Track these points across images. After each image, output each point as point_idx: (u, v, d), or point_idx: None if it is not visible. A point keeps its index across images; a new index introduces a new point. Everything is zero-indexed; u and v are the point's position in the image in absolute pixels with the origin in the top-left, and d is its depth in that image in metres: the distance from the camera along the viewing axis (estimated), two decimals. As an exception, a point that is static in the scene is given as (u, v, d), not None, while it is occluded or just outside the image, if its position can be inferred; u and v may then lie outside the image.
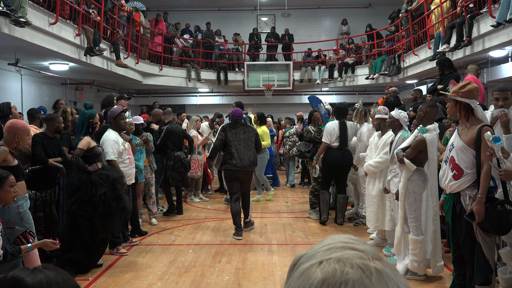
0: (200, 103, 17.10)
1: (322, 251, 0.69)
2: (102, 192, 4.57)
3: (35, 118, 6.05)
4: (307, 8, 17.63)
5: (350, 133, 6.66)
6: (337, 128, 6.57)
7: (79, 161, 4.63)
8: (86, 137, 4.77)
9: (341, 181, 6.74)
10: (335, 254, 0.67)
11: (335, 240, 0.71)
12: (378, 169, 5.41)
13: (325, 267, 0.65)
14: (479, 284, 3.41)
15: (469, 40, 7.68)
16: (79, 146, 4.68)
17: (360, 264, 0.65)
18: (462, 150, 3.45)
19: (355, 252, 0.68)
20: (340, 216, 6.78)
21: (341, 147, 6.53)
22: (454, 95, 3.48)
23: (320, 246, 0.71)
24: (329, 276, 0.64)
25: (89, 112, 4.86)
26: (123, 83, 14.01)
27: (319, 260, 0.67)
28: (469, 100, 3.45)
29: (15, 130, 3.96)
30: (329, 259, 0.66)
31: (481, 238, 3.37)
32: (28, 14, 6.33)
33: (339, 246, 0.69)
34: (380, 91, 15.19)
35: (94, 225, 4.59)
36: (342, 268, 0.64)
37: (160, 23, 14.19)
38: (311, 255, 0.69)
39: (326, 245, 0.70)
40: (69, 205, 4.59)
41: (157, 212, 6.97)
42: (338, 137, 6.54)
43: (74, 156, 4.62)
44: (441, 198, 3.86)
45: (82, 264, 4.62)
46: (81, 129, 4.81)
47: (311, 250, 0.71)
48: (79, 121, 4.84)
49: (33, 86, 11.12)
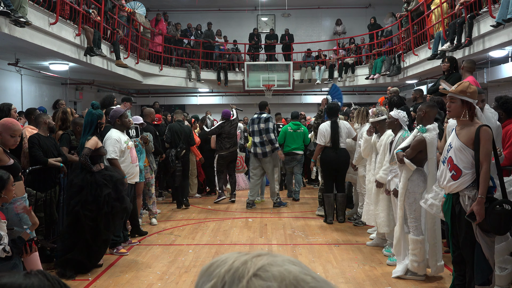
0: (200, 103, 17.11)
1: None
2: (106, 193, 4.58)
3: (30, 118, 6.03)
4: (307, 8, 17.63)
5: (344, 132, 6.72)
6: (329, 128, 6.68)
7: (87, 161, 4.63)
8: (94, 137, 4.78)
9: (339, 180, 6.82)
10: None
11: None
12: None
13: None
14: (479, 284, 3.41)
15: (469, 40, 7.68)
16: (88, 145, 4.66)
17: (248, 258, 0.71)
18: (461, 150, 3.45)
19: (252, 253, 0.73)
20: (341, 214, 6.91)
21: (333, 146, 6.63)
22: (462, 95, 3.47)
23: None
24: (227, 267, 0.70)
25: (97, 112, 4.87)
26: (123, 83, 14.01)
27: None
28: (473, 100, 3.47)
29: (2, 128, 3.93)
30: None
31: (481, 238, 3.37)
32: (28, 14, 6.34)
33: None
34: (380, 91, 15.21)
35: (97, 225, 4.59)
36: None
37: (160, 23, 14.20)
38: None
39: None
40: (72, 205, 4.57)
41: (156, 212, 6.97)
42: (330, 137, 6.65)
43: (83, 155, 4.61)
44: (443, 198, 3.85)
45: (83, 264, 4.62)
46: (89, 129, 4.79)
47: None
48: (87, 121, 4.82)
49: (33, 86, 11.12)
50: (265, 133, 7.92)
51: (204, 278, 0.71)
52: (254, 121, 8.12)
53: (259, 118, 8.04)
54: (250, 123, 8.28)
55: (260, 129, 7.95)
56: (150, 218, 6.92)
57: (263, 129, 7.93)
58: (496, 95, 7.21)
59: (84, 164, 4.63)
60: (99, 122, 4.85)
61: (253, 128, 8.08)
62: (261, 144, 7.95)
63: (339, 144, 6.66)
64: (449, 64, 6.60)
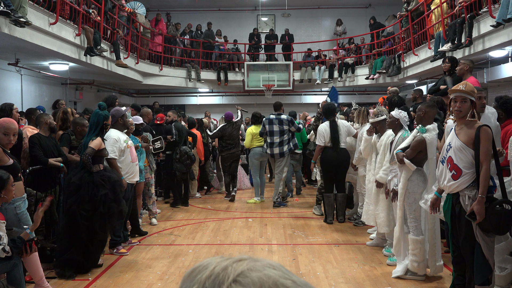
0: (200, 103, 17.10)
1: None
2: (103, 193, 4.58)
3: (31, 118, 6.03)
4: (307, 8, 17.62)
5: (343, 132, 6.74)
6: (329, 128, 6.70)
7: (89, 160, 4.64)
8: (99, 137, 4.79)
9: (339, 180, 6.84)
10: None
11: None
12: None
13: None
14: (479, 284, 3.42)
15: (469, 40, 7.67)
16: (92, 145, 4.67)
17: (228, 263, 0.71)
18: (461, 150, 3.45)
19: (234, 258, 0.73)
20: (341, 214, 6.93)
21: (334, 145, 6.65)
22: (472, 95, 3.47)
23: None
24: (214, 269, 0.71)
25: (104, 113, 4.89)
26: (123, 83, 14.01)
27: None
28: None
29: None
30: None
31: (481, 238, 3.38)
32: (28, 14, 6.33)
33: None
34: (380, 91, 15.20)
35: (93, 225, 4.58)
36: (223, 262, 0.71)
37: (160, 23, 14.19)
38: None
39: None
40: (69, 204, 4.58)
41: (156, 212, 6.98)
42: (330, 137, 6.67)
43: (86, 154, 4.62)
44: (434, 195, 3.84)
45: (80, 264, 4.62)
46: (95, 129, 4.80)
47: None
48: (93, 121, 4.83)
49: (33, 86, 11.12)
50: (290, 136, 7.97)
51: (187, 283, 0.72)
52: (272, 121, 7.92)
53: (279, 119, 7.90)
54: (266, 123, 7.97)
55: (282, 129, 7.89)
56: (150, 218, 6.92)
57: (286, 131, 7.91)
58: (496, 95, 7.20)
59: (86, 163, 4.64)
60: (105, 123, 4.87)
61: (271, 128, 7.90)
62: (280, 144, 7.90)
63: (339, 144, 6.67)
64: (450, 65, 6.58)
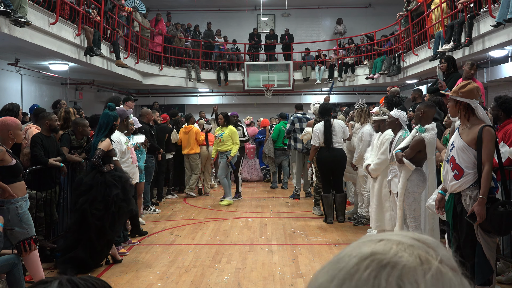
0: (200, 103, 17.09)
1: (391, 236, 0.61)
2: (115, 193, 4.63)
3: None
4: (307, 8, 17.62)
5: (339, 132, 6.73)
6: (323, 128, 6.72)
7: (100, 162, 4.67)
8: (108, 139, 4.82)
9: (336, 179, 6.82)
10: (401, 238, 0.59)
11: (411, 234, 0.62)
12: (378, 171, 5.41)
13: (382, 244, 0.58)
14: (479, 285, 3.41)
15: (469, 40, 7.67)
16: (101, 147, 4.70)
17: (422, 256, 0.56)
18: (463, 150, 3.44)
19: (424, 246, 0.58)
20: (341, 214, 6.90)
21: (327, 145, 6.65)
22: (454, 95, 3.46)
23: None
24: (380, 252, 0.56)
25: (113, 114, 4.91)
26: (123, 83, 14.01)
27: (380, 238, 0.59)
28: (469, 100, 3.43)
29: (7, 127, 3.94)
30: (389, 240, 0.58)
31: (482, 238, 3.37)
32: (28, 14, 6.33)
33: (410, 236, 0.60)
34: (380, 91, 15.20)
35: (103, 224, 4.61)
36: (398, 250, 0.56)
37: (160, 23, 14.19)
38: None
39: (398, 234, 0.61)
40: (80, 203, 4.61)
41: (142, 212, 7.05)
42: (324, 137, 6.71)
43: (95, 156, 4.66)
44: (439, 194, 3.82)
45: (85, 263, 4.63)
46: (104, 130, 4.82)
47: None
48: (103, 122, 4.84)
49: (33, 86, 11.12)
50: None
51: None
52: (301, 119, 8.74)
53: (306, 118, 8.78)
54: (296, 121, 8.73)
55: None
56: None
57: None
58: (496, 95, 7.20)
59: (96, 165, 4.68)
60: (114, 124, 4.88)
61: (301, 126, 8.61)
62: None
63: (332, 143, 6.65)
64: (446, 64, 6.56)
